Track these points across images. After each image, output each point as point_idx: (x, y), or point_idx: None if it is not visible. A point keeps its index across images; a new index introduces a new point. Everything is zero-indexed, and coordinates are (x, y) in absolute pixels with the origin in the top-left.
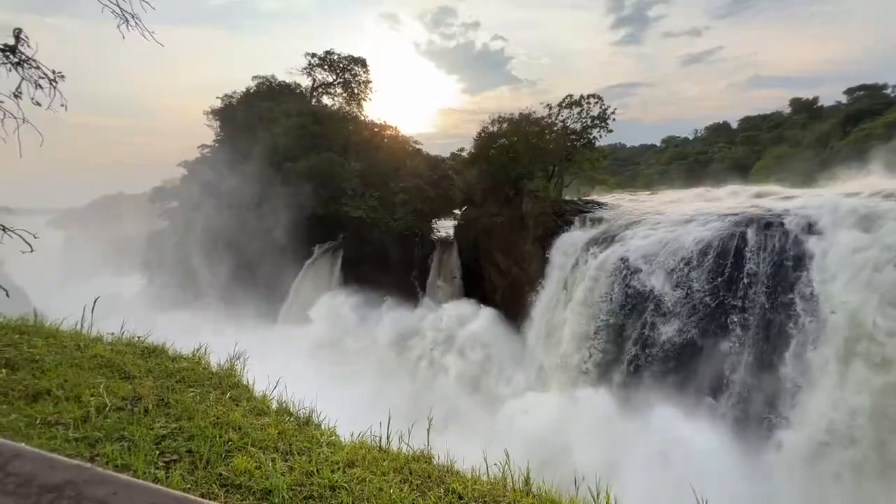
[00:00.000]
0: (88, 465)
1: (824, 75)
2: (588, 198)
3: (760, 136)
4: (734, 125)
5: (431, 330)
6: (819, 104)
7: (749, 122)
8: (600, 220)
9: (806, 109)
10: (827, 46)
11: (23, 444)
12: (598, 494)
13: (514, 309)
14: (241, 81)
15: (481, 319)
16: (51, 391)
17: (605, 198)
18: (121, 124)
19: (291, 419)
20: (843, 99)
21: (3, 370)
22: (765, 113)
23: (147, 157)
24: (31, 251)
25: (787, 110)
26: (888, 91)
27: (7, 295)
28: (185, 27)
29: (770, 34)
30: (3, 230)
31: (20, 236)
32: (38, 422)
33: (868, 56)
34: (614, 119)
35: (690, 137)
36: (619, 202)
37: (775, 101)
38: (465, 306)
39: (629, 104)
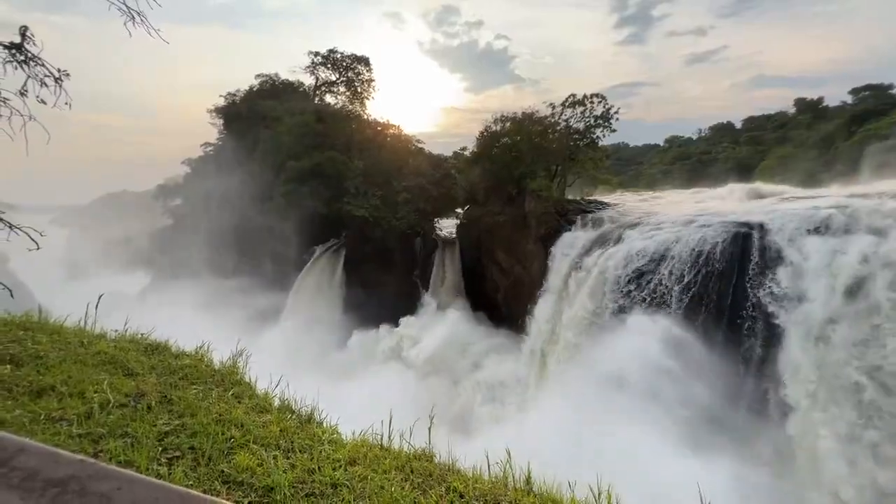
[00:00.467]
0: (92, 460)
1: (828, 75)
2: (591, 197)
3: (765, 136)
4: (738, 125)
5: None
6: (824, 104)
7: (753, 122)
8: (601, 221)
9: (811, 109)
10: (831, 46)
11: (28, 440)
12: (598, 494)
13: (516, 308)
14: (242, 80)
15: (440, 335)
16: (55, 387)
17: (606, 197)
18: (123, 123)
19: (293, 417)
20: (849, 99)
21: (8, 366)
22: (769, 113)
23: (149, 155)
24: (38, 248)
25: (792, 110)
26: (894, 91)
27: (11, 295)
28: (187, 26)
29: (774, 34)
30: (10, 227)
31: (27, 234)
32: (42, 418)
33: (871, 56)
34: (617, 118)
35: (694, 137)
36: (623, 202)
37: (779, 100)
38: (422, 321)
39: (632, 104)
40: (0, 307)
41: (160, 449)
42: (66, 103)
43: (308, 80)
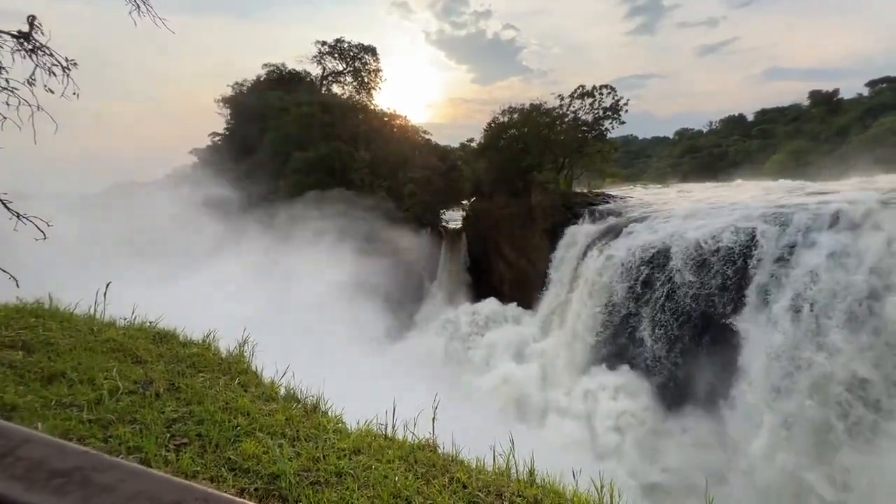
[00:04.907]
0: (96, 451)
1: (847, 67)
2: (598, 190)
3: (777, 130)
4: (750, 118)
5: None
6: (839, 97)
7: (765, 115)
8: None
9: (825, 102)
10: (851, 37)
11: (33, 430)
12: (601, 487)
13: (521, 302)
14: (250, 69)
15: None
16: (65, 374)
17: (614, 190)
18: (131, 111)
19: (299, 406)
20: (865, 92)
21: (20, 352)
22: (782, 106)
23: (157, 144)
24: (45, 238)
25: (806, 103)
26: None
27: (17, 284)
28: (193, 14)
29: (790, 24)
30: (18, 217)
31: (34, 223)
32: (53, 403)
33: (894, 48)
34: (626, 110)
35: (704, 130)
36: (631, 194)
37: (793, 93)
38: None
39: (642, 95)
40: (10, 295)
41: (168, 436)
42: (74, 93)
43: (315, 70)
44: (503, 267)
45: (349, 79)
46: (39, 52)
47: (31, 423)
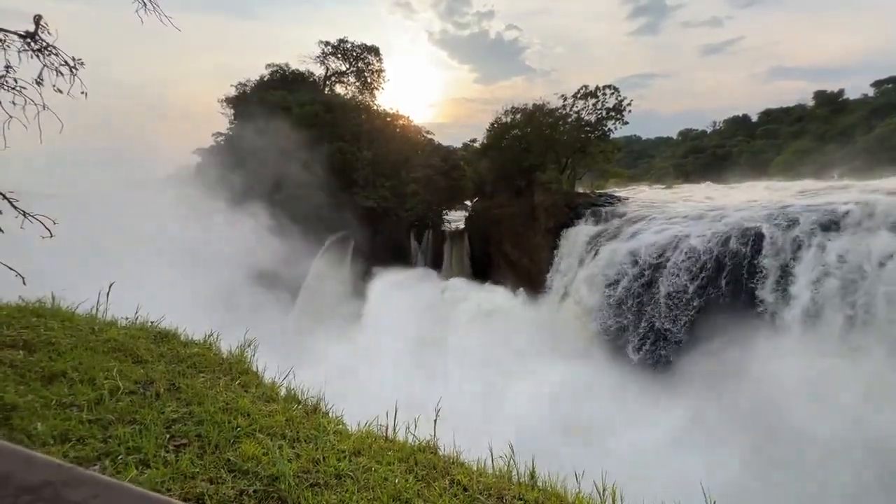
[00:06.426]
0: (69, 465)
1: (851, 66)
2: (602, 191)
3: (781, 130)
4: (754, 118)
5: None
6: (844, 97)
7: (770, 116)
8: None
9: (830, 102)
10: (855, 36)
11: (2, 442)
12: (603, 490)
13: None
14: (252, 69)
15: None
16: (66, 373)
17: (616, 190)
18: (134, 111)
19: (299, 407)
20: (871, 92)
21: (21, 352)
22: (787, 106)
23: (160, 143)
24: (51, 236)
25: (811, 103)
26: None
27: (24, 282)
28: (196, 14)
29: (793, 23)
30: (24, 215)
31: (40, 222)
32: (53, 403)
33: None
34: (630, 111)
35: (708, 130)
36: (636, 195)
37: (797, 93)
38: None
39: (645, 95)
40: (13, 294)
41: (168, 436)
42: (82, 92)
43: (318, 71)
44: (506, 266)
45: (352, 79)
46: (46, 51)
47: (30, 423)
